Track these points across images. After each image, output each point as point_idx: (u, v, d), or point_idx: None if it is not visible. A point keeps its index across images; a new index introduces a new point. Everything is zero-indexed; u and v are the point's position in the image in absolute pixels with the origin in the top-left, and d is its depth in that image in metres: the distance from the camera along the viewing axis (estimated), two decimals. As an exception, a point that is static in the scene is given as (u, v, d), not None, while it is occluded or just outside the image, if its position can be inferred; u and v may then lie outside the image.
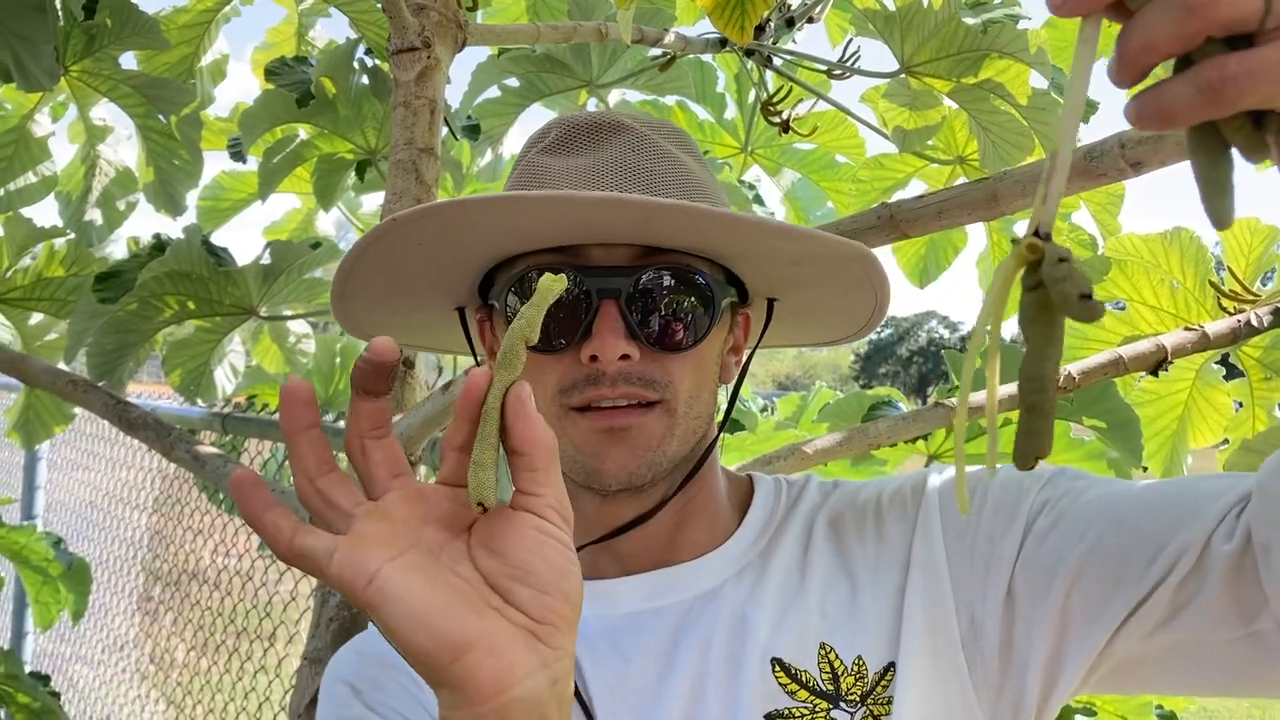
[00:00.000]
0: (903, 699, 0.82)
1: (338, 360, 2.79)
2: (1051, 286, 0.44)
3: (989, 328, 0.50)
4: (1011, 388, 1.55)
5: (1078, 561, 0.79)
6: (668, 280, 0.85)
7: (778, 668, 0.85)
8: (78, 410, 2.55)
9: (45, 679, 2.40)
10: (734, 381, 0.97)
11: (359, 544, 0.57)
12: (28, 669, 2.56)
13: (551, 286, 0.62)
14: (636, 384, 0.84)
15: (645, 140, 0.91)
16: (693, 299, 0.86)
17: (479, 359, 1.00)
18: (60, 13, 1.91)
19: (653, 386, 0.84)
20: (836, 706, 0.83)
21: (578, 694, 0.86)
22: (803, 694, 0.84)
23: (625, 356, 0.83)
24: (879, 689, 0.83)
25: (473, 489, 0.58)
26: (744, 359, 0.98)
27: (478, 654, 0.56)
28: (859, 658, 0.85)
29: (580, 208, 0.80)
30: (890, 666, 0.84)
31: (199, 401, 2.32)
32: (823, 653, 0.85)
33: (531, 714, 0.57)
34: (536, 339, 0.61)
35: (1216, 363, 1.86)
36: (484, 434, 0.59)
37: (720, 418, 0.98)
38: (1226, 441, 1.90)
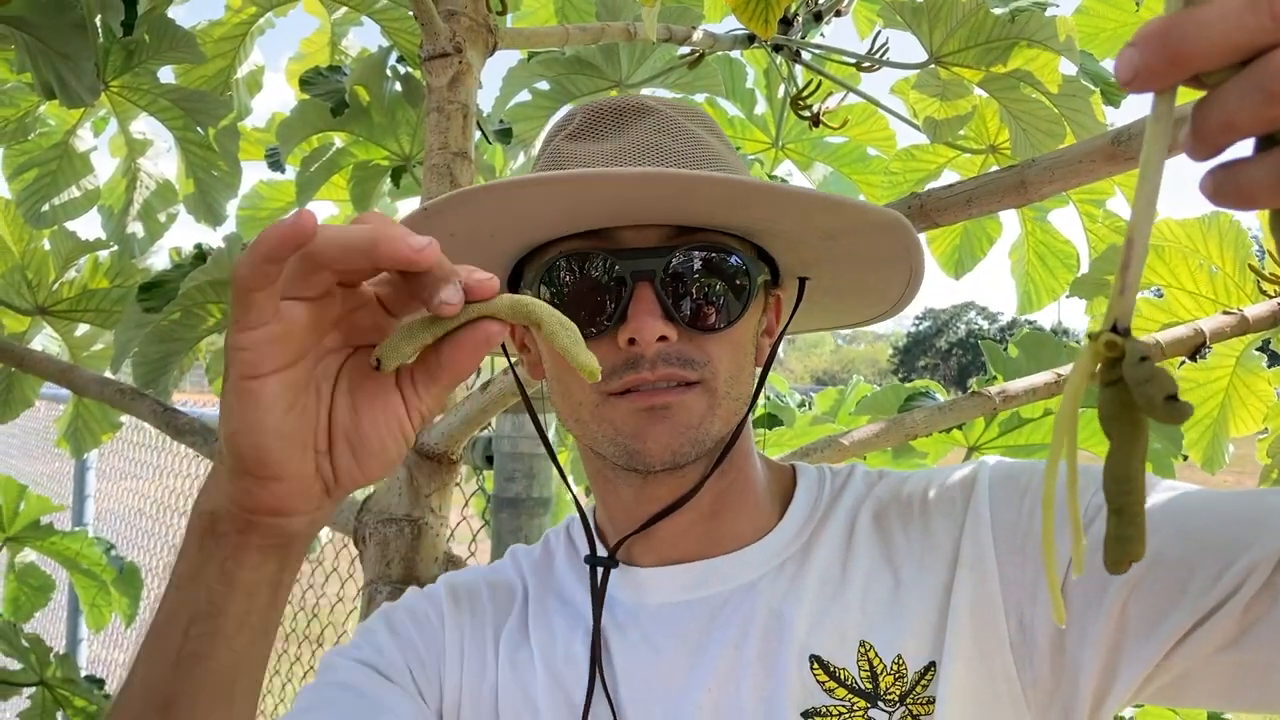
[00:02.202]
0: (946, 699, 0.80)
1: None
2: (1134, 388, 0.42)
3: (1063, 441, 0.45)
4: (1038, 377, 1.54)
5: (1138, 570, 0.76)
6: (702, 259, 0.84)
7: (816, 665, 0.83)
8: (124, 419, 2.60)
9: (100, 683, 2.45)
10: (765, 363, 0.95)
11: (269, 341, 0.57)
12: (83, 674, 2.61)
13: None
14: (676, 364, 0.83)
15: (671, 122, 0.90)
16: (728, 277, 0.85)
17: (510, 356, 1.00)
18: (100, 30, 1.95)
19: (691, 366, 0.83)
20: (874, 706, 0.81)
21: (603, 681, 0.87)
22: (841, 692, 0.82)
23: (663, 338, 0.82)
24: (919, 688, 0.82)
25: (386, 349, 0.60)
26: (776, 340, 0.96)
27: (280, 485, 0.60)
28: (899, 656, 0.83)
29: (615, 185, 0.79)
30: (931, 666, 0.82)
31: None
32: (862, 650, 0.83)
33: (280, 538, 0.62)
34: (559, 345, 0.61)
35: (1257, 349, 1.84)
36: (436, 324, 0.59)
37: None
38: (1266, 430, 1.88)
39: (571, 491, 1.01)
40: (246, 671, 0.65)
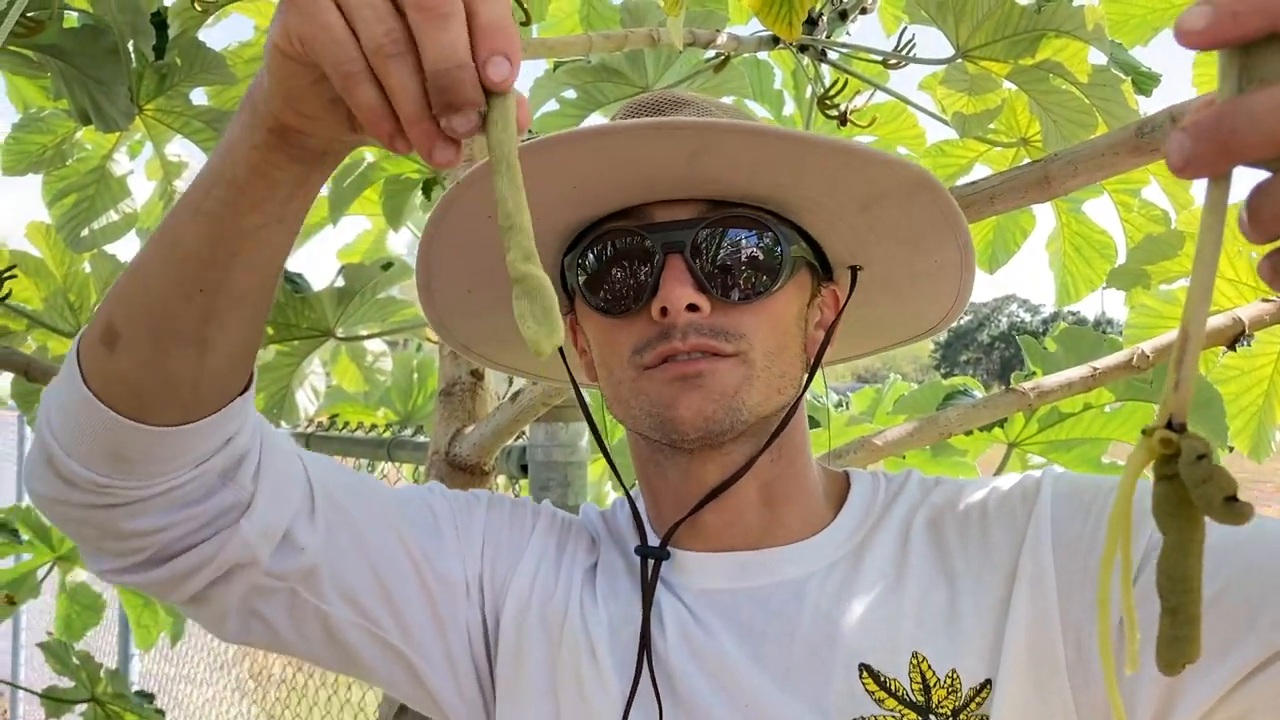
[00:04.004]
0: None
1: (415, 376, 2.85)
2: (1191, 488, 0.40)
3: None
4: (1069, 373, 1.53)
5: (1216, 591, 0.72)
6: (731, 229, 0.84)
7: (865, 674, 0.82)
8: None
9: (150, 697, 2.49)
10: (816, 356, 0.94)
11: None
12: (134, 689, 2.65)
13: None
14: (708, 335, 0.83)
15: (706, 110, 0.91)
16: (760, 248, 0.85)
17: (568, 364, 0.99)
18: (133, 55, 1.98)
19: (725, 338, 0.83)
20: (925, 719, 0.80)
21: (649, 658, 0.86)
22: (890, 703, 0.80)
23: (694, 308, 0.82)
24: (973, 705, 0.80)
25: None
26: (829, 332, 0.95)
27: (310, 122, 0.62)
28: (953, 671, 0.81)
29: (623, 139, 0.79)
30: (987, 684, 0.80)
31: (283, 423, 2.38)
32: (914, 662, 0.81)
33: (304, 150, 0.65)
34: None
35: (1302, 334, 1.81)
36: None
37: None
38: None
39: (620, 478, 0.99)
40: (254, 247, 0.70)
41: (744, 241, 0.84)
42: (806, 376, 0.92)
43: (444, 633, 0.91)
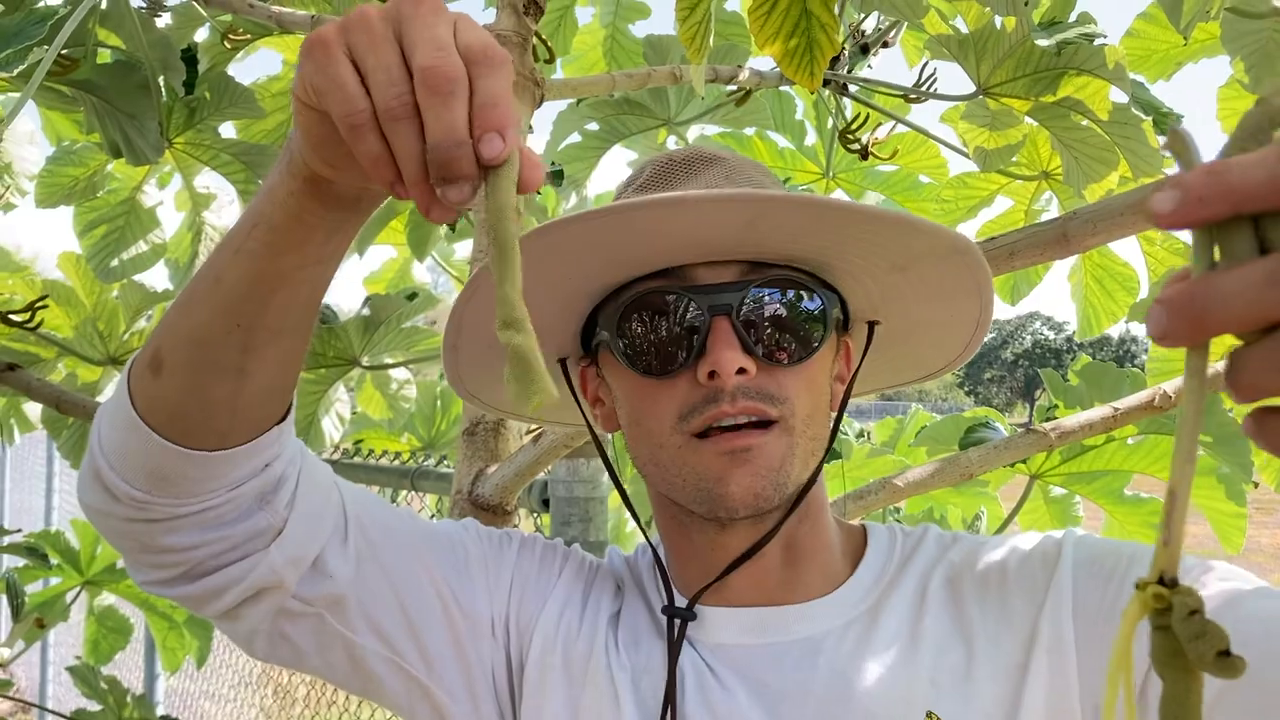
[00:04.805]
0: None
1: (438, 403, 2.87)
2: (1185, 643, 0.40)
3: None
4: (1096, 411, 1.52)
5: (1220, 682, 0.70)
6: (777, 293, 0.85)
7: None
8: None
9: (175, 723, 2.50)
10: (838, 410, 0.94)
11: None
12: (160, 708, 2.67)
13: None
14: (756, 399, 0.82)
15: (739, 169, 0.92)
16: (803, 311, 0.85)
17: (584, 411, 0.99)
18: (163, 90, 2.01)
19: (771, 401, 0.83)
20: None
21: (669, 701, 0.86)
22: None
23: (742, 371, 0.82)
24: None
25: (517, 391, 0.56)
26: (847, 386, 0.95)
27: (338, 173, 0.66)
28: None
29: (694, 209, 0.79)
30: None
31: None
32: None
33: (336, 198, 0.69)
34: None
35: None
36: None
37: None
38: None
39: (639, 524, 0.99)
40: (291, 286, 0.73)
41: (789, 304, 0.85)
42: (830, 432, 0.92)
43: (468, 669, 0.92)
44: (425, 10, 0.59)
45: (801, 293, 0.86)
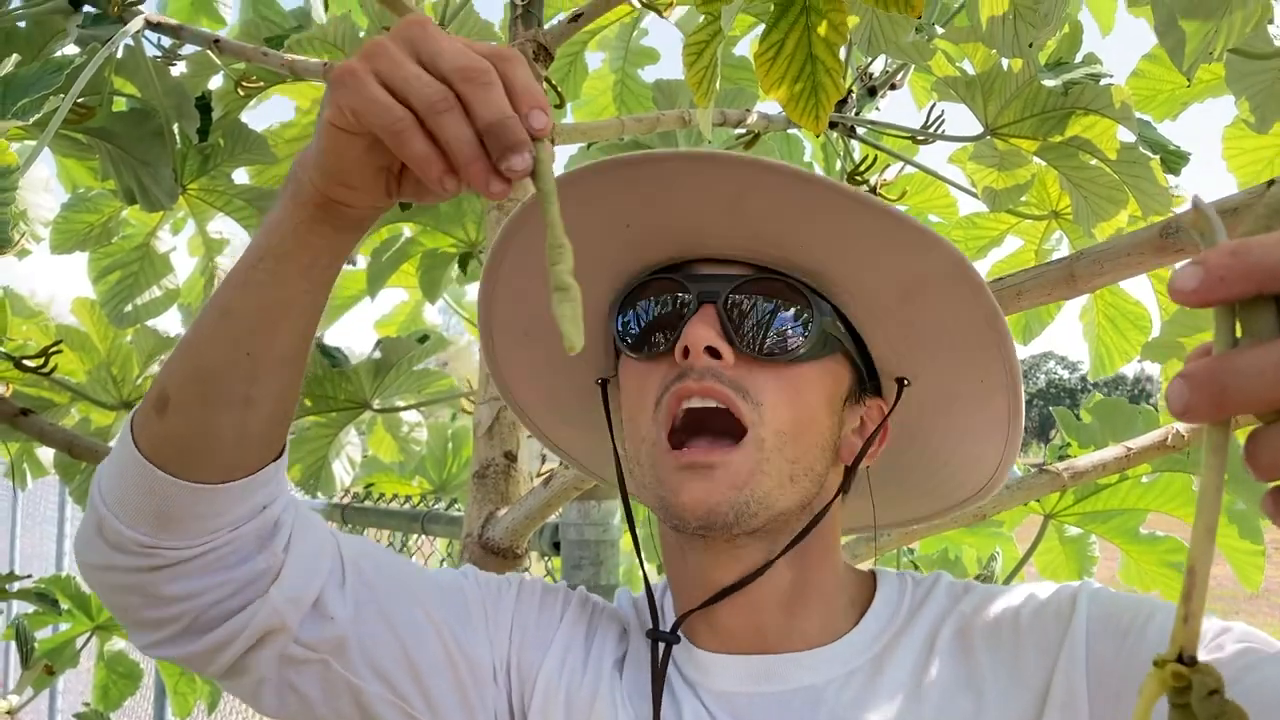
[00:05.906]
0: None
1: (449, 445, 2.87)
2: None
3: None
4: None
5: None
6: (767, 289, 0.85)
7: None
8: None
9: (185, 770, 2.49)
10: (851, 463, 0.91)
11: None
12: (169, 759, 2.65)
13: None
14: (725, 384, 0.82)
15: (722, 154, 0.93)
16: (791, 313, 0.85)
17: (615, 437, 0.96)
18: (178, 137, 2.03)
19: (743, 395, 0.82)
20: None
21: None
22: None
23: (715, 353, 0.82)
24: None
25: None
26: (865, 442, 0.92)
27: (353, 193, 0.72)
28: None
29: (674, 166, 0.82)
30: None
31: (319, 495, 2.41)
32: None
33: (346, 220, 0.75)
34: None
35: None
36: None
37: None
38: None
39: (643, 568, 1.00)
40: (296, 312, 0.78)
41: (779, 304, 0.85)
42: (841, 484, 0.91)
43: (472, 714, 0.92)
44: (434, 31, 0.65)
45: (794, 297, 0.86)
